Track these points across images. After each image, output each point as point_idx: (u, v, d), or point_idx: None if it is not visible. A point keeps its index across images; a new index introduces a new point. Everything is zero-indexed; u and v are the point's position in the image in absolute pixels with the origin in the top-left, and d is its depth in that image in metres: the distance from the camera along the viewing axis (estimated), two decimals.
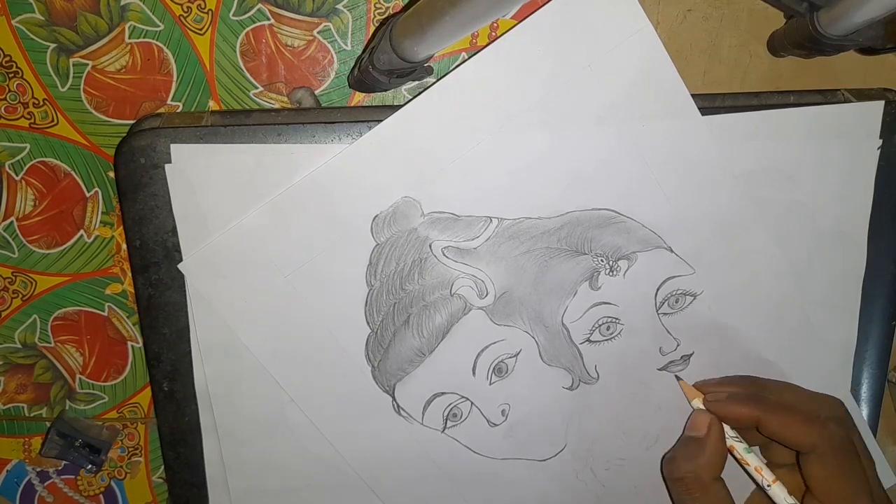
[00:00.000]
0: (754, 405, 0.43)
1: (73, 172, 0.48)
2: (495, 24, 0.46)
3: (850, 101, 0.44)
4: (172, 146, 0.41)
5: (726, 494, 0.42)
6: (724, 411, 0.44)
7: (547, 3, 0.40)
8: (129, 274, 0.49)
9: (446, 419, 0.47)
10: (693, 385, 0.47)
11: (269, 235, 0.43)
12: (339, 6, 0.46)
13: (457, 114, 0.41)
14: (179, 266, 0.43)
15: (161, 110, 0.47)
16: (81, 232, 0.49)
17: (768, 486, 0.43)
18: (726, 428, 0.44)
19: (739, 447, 0.44)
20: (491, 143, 0.42)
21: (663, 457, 0.47)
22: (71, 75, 0.46)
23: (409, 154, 0.42)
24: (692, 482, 0.43)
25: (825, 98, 0.44)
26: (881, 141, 0.44)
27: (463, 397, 0.46)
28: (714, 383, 0.46)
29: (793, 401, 0.43)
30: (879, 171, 0.45)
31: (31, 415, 0.53)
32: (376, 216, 0.43)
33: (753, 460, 0.43)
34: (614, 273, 0.45)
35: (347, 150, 0.41)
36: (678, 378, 0.47)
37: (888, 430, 0.54)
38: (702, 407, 0.45)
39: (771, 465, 0.45)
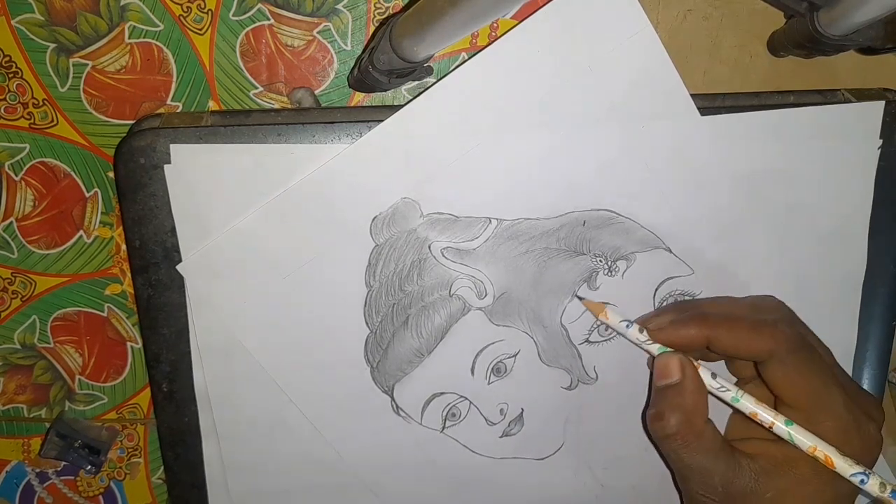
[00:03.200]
0: (700, 324, 0.40)
1: (72, 173, 0.48)
2: (495, 24, 0.46)
3: (850, 101, 0.44)
4: (172, 146, 0.41)
5: (718, 433, 0.40)
6: (672, 338, 0.41)
7: (547, 3, 0.40)
8: (129, 274, 0.49)
9: (445, 419, 0.47)
10: (632, 321, 0.43)
11: (268, 236, 0.43)
12: (339, 6, 0.46)
13: (456, 115, 0.41)
14: (178, 267, 0.43)
15: (161, 110, 0.47)
16: (81, 232, 0.49)
17: (737, 400, 0.40)
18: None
19: (709, 379, 0.41)
20: (490, 143, 0.42)
21: (643, 415, 0.44)
22: (71, 75, 0.46)
23: (409, 155, 0.42)
24: (686, 433, 0.39)
25: (825, 98, 0.44)
26: (881, 141, 0.44)
27: (462, 397, 0.46)
28: (651, 315, 0.44)
29: (736, 311, 0.42)
30: (879, 170, 0.45)
31: (31, 415, 0.53)
32: (375, 217, 0.43)
33: (714, 382, 0.41)
34: (613, 273, 0.44)
35: (346, 152, 0.41)
36: (580, 298, 0.44)
37: (888, 431, 0.54)
38: (645, 341, 0.42)
39: (738, 382, 0.43)
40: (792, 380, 0.39)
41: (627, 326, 0.42)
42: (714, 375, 0.41)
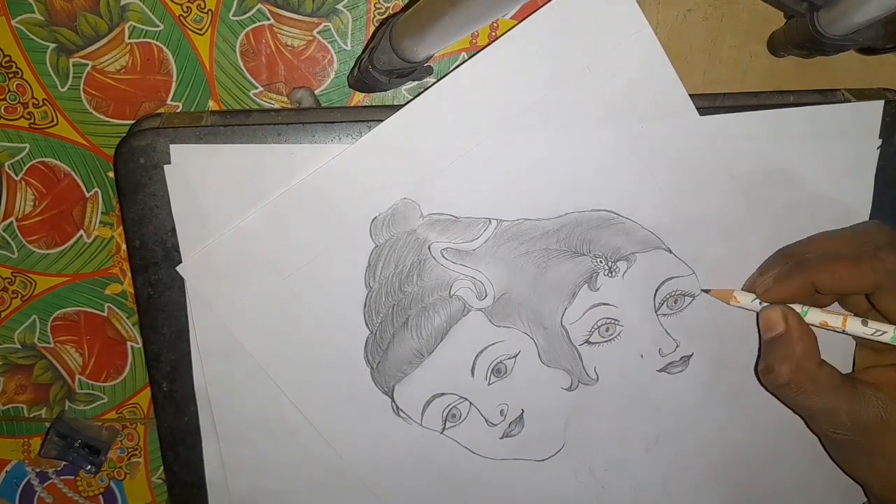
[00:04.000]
0: (800, 274, 0.41)
1: (72, 172, 0.48)
2: (495, 24, 0.46)
3: (850, 101, 0.44)
4: (172, 146, 0.41)
5: (834, 371, 0.40)
6: (780, 295, 0.41)
7: (546, 4, 0.40)
8: (129, 274, 0.49)
9: (445, 420, 0.47)
10: (740, 289, 0.45)
11: (268, 237, 0.42)
12: (339, 6, 0.46)
13: (456, 115, 0.41)
14: (178, 269, 0.43)
15: (161, 110, 0.47)
16: (81, 232, 0.49)
17: (843, 330, 0.41)
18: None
19: (815, 317, 0.41)
20: (490, 144, 0.42)
21: (756, 368, 0.44)
22: (71, 75, 0.46)
23: (408, 155, 0.42)
24: (802, 380, 0.40)
25: (825, 98, 0.44)
26: (880, 140, 0.44)
27: (462, 398, 0.46)
28: (755, 276, 0.44)
29: (835, 247, 0.41)
30: (879, 170, 0.45)
31: (31, 415, 0.53)
32: (375, 218, 0.43)
33: (820, 316, 0.41)
34: (613, 274, 0.44)
35: (346, 152, 0.41)
36: (707, 291, 0.45)
37: None
38: (756, 305, 0.43)
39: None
40: None
41: (753, 301, 0.43)
42: (818, 311, 0.41)
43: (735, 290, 0.44)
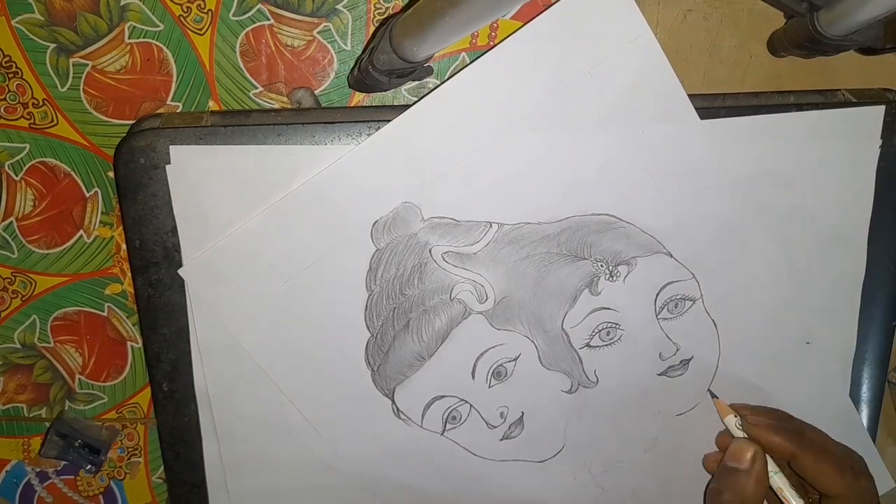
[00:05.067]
0: (794, 440, 0.43)
1: (72, 172, 0.48)
2: (495, 25, 0.46)
3: (850, 101, 0.44)
4: (172, 147, 0.41)
5: None
6: (763, 438, 0.44)
7: (547, 4, 0.40)
8: (129, 274, 0.49)
9: (445, 421, 0.47)
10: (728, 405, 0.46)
11: (270, 240, 0.42)
12: (339, 6, 0.46)
13: (457, 119, 0.41)
14: (179, 271, 0.43)
15: (161, 110, 0.47)
16: (81, 232, 0.49)
17: None
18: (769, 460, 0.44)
19: (780, 482, 0.43)
20: (491, 148, 0.42)
21: (707, 487, 0.46)
22: (71, 75, 0.46)
23: (409, 159, 0.42)
24: None
25: (825, 98, 0.44)
26: (881, 141, 0.44)
27: (462, 400, 0.46)
28: (750, 408, 0.46)
29: (827, 446, 0.44)
30: (879, 171, 0.45)
31: (31, 415, 0.53)
32: (376, 221, 0.43)
33: (781, 485, 0.43)
34: (614, 278, 0.44)
35: (347, 156, 0.41)
36: (713, 396, 0.47)
37: (888, 431, 0.54)
38: (737, 429, 0.45)
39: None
40: None
41: (736, 424, 0.45)
42: (784, 479, 0.43)
43: (735, 415, 0.45)
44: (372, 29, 0.46)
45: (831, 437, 0.45)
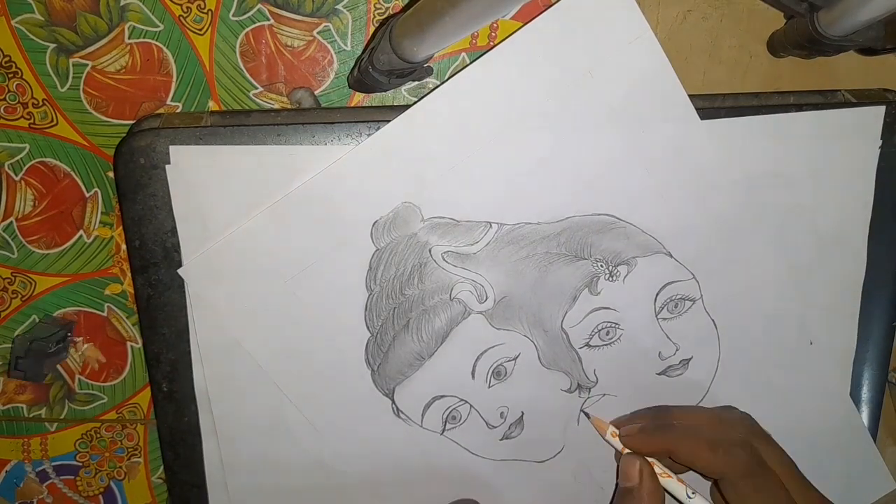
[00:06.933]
0: (663, 436, 0.43)
1: (72, 173, 0.48)
2: (495, 25, 0.46)
3: (850, 102, 0.44)
4: (171, 147, 0.41)
5: None
6: (637, 444, 0.44)
7: (548, 4, 0.40)
8: (129, 274, 0.49)
9: (445, 421, 0.47)
10: (609, 422, 0.46)
11: (269, 240, 0.43)
12: (339, 6, 0.46)
13: (457, 119, 0.41)
14: (179, 271, 0.43)
15: (160, 110, 0.47)
16: (81, 232, 0.49)
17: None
18: (656, 463, 0.43)
19: (666, 484, 0.43)
20: (491, 148, 0.42)
21: None
22: (70, 75, 0.46)
23: (410, 159, 0.42)
24: None
25: (825, 98, 0.44)
26: (881, 141, 0.44)
27: (462, 400, 0.46)
28: (626, 418, 0.46)
29: (699, 427, 0.43)
30: (879, 171, 0.45)
31: (31, 415, 0.53)
32: (376, 221, 0.43)
33: (673, 487, 0.43)
34: (614, 278, 0.44)
35: (347, 156, 0.41)
36: (587, 415, 0.47)
37: (888, 431, 0.54)
38: (617, 444, 0.44)
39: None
40: (742, 502, 0.41)
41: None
42: (670, 480, 0.43)
43: (610, 427, 0.45)
44: (372, 29, 0.46)
45: (708, 411, 0.45)
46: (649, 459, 0.43)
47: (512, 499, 0.49)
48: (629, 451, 0.44)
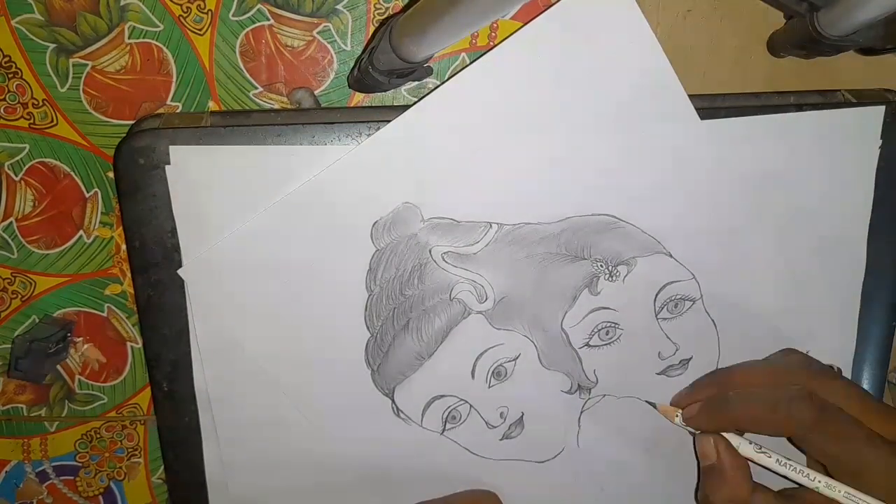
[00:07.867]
0: (720, 412, 0.42)
1: (72, 173, 0.48)
2: (495, 25, 0.46)
3: (851, 102, 0.44)
4: (171, 147, 0.41)
5: (768, 493, 0.41)
6: (700, 425, 0.43)
7: (547, 5, 0.40)
8: (129, 274, 0.49)
9: (445, 421, 0.47)
10: (669, 403, 0.46)
11: (269, 241, 0.43)
12: (339, 6, 0.46)
13: (456, 119, 0.41)
14: (179, 271, 0.43)
15: (161, 111, 0.47)
16: (81, 232, 0.49)
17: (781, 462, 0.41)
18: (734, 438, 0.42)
19: (747, 451, 0.42)
20: (491, 148, 0.42)
21: (695, 493, 0.46)
22: (70, 75, 0.46)
23: (409, 160, 0.42)
24: None
25: (825, 98, 0.44)
26: (881, 141, 0.44)
27: (462, 400, 0.46)
28: (685, 394, 0.46)
29: (754, 392, 0.42)
30: (879, 171, 0.45)
31: (31, 415, 0.53)
32: (376, 222, 0.43)
33: (751, 453, 0.42)
34: (614, 278, 0.44)
35: (347, 157, 0.41)
36: (653, 405, 0.46)
37: None
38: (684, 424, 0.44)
39: None
40: (820, 454, 0.40)
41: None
42: (757, 446, 0.42)
43: (678, 413, 0.45)
44: (372, 29, 0.46)
45: (761, 370, 0.44)
46: (725, 435, 0.42)
47: (512, 499, 0.49)
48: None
